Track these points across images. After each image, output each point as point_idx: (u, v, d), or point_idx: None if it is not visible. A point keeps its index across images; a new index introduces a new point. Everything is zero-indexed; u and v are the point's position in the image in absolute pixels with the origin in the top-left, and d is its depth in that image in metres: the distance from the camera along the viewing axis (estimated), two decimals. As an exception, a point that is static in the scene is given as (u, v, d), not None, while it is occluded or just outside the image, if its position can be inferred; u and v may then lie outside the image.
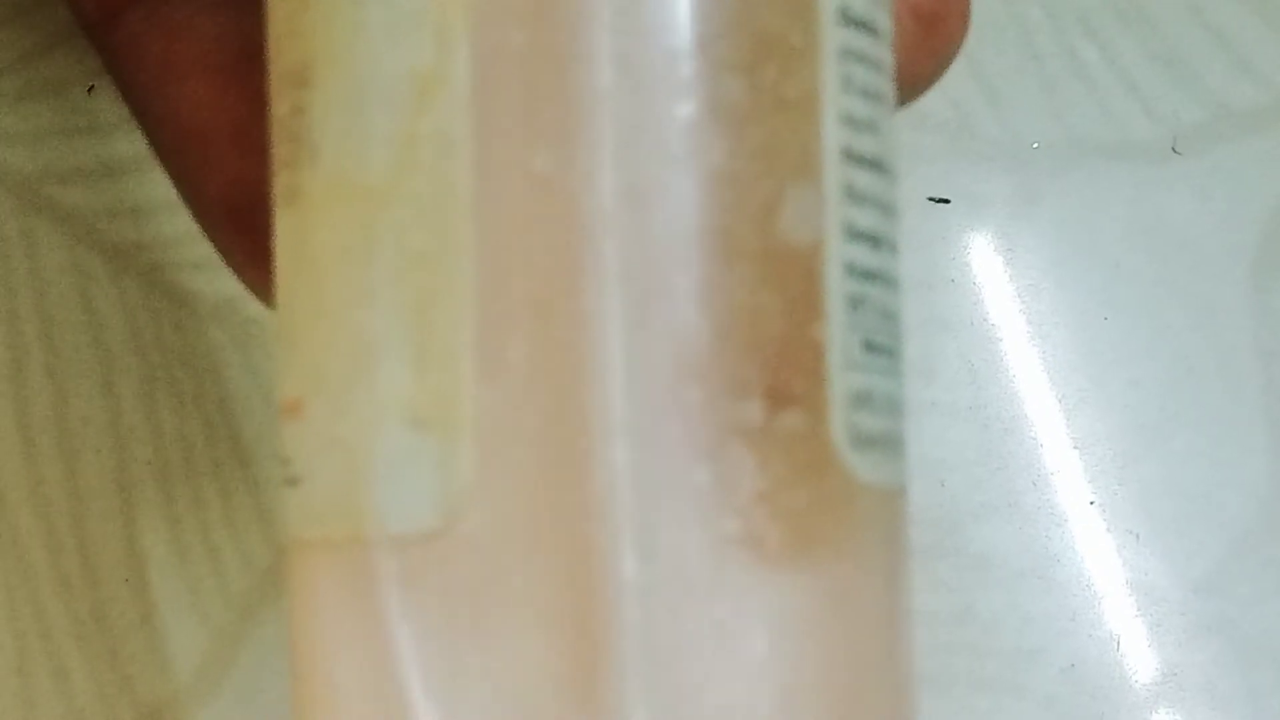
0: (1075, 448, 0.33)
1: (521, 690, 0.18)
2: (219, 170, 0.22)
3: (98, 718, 0.31)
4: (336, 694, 0.19)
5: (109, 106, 0.32)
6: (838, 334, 0.18)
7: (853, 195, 0.19)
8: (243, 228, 0.22)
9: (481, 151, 0.18)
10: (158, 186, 0.31)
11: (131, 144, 0.31)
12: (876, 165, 0.19)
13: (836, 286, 0.18)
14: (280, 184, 0.19)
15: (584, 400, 0.17)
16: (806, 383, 0.18)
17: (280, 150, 0.19)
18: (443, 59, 0.18)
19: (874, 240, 0.19)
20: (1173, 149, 0.34)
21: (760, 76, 0.18)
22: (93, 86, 0.31)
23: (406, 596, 0.18)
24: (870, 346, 0.19)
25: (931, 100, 0.23)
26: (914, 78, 0.22)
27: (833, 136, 0.18)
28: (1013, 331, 0.34)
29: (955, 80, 0.23)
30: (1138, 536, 0.33)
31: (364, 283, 0.18)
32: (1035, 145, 0.34)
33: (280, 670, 0.31)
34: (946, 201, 0.33)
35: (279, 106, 0.19)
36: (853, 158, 0.19)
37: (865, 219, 0.19)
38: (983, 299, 0.34)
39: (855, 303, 0.18)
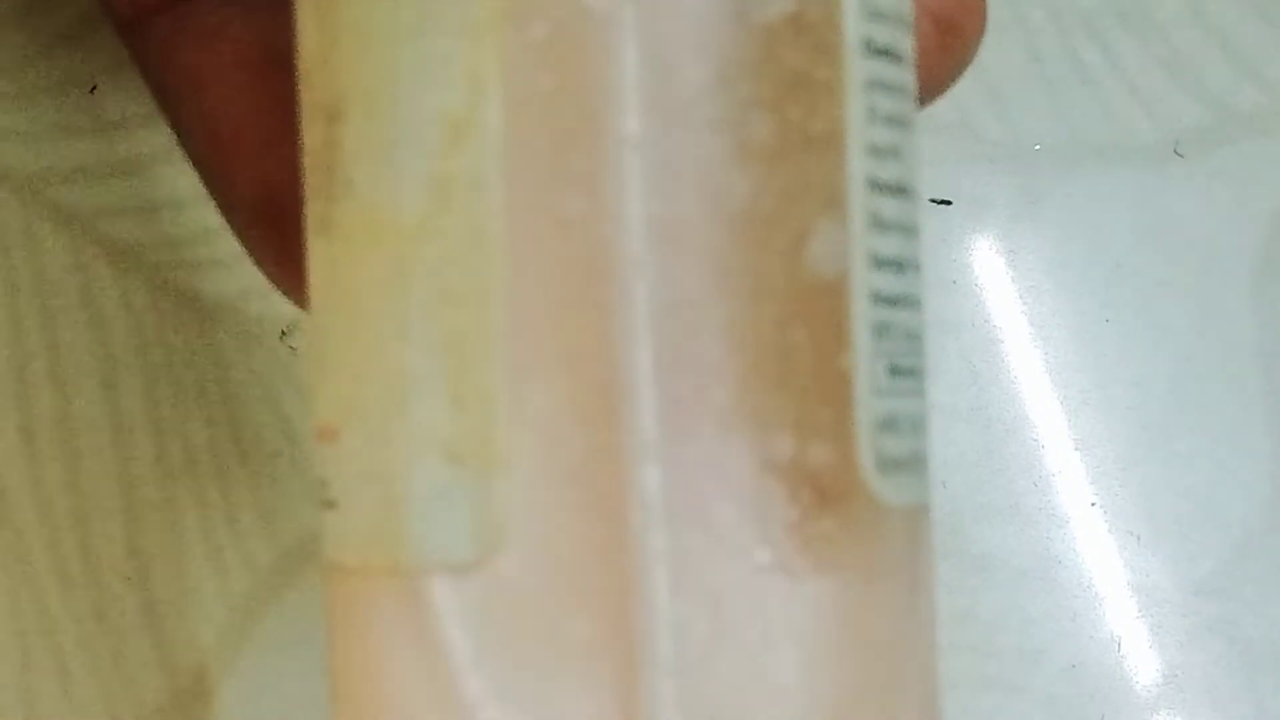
0: (1077, 449, 0.33)
1: None
2: (249, 173, 0.23)
3: (99, 716, 0.31)
4: (368, 713, 0.19)
5: (111, 106, 0.32)
6: (864, 362, 0.19)
7: (878, 224, 0.19)
8: (272, 229, 0.22)
9: (512, 194, 0.18)
10: (161, 186, 0.31)
11: (134, 143, 0.31)
12: (900, 190, 0.19)
13: (863, 316, 0.19)
14: (313, 212, 0.19)
15: (616, 438, 0.18)
16: (834, 413, 0.18)
17: (313, 179, 0.19)
18: (474, 102, 0.18)
19: (898, 265, 0.19)
20: (1175, 151, 0.34)
21: (786, 114, 0.18)
22: (95, 86, 0.31)
23: (443, 628, 0.18)
24: (896, 371, 0.19)
25: (935, 103, 0.23)
26: (932, 82, 0.22)
27: (858, 168, 0.19)
28: (1014, 333, 0.34)
29: (959, 82, 0.23)
30: (1139, 538, 0.33)
31: (398, 319, 0.18)
32: (1038, 147, 0.34)
33: (282, 668, 0.31)
34: (949, 203, 0.33)
35: (311, 137, 0.19)
36: (878, 186, 0.19)
37: (890, 246, 0.19)
38: (985, 300, 0.34)
39: (881, 330, 0.19)
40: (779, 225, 0.18)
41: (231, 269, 0.31)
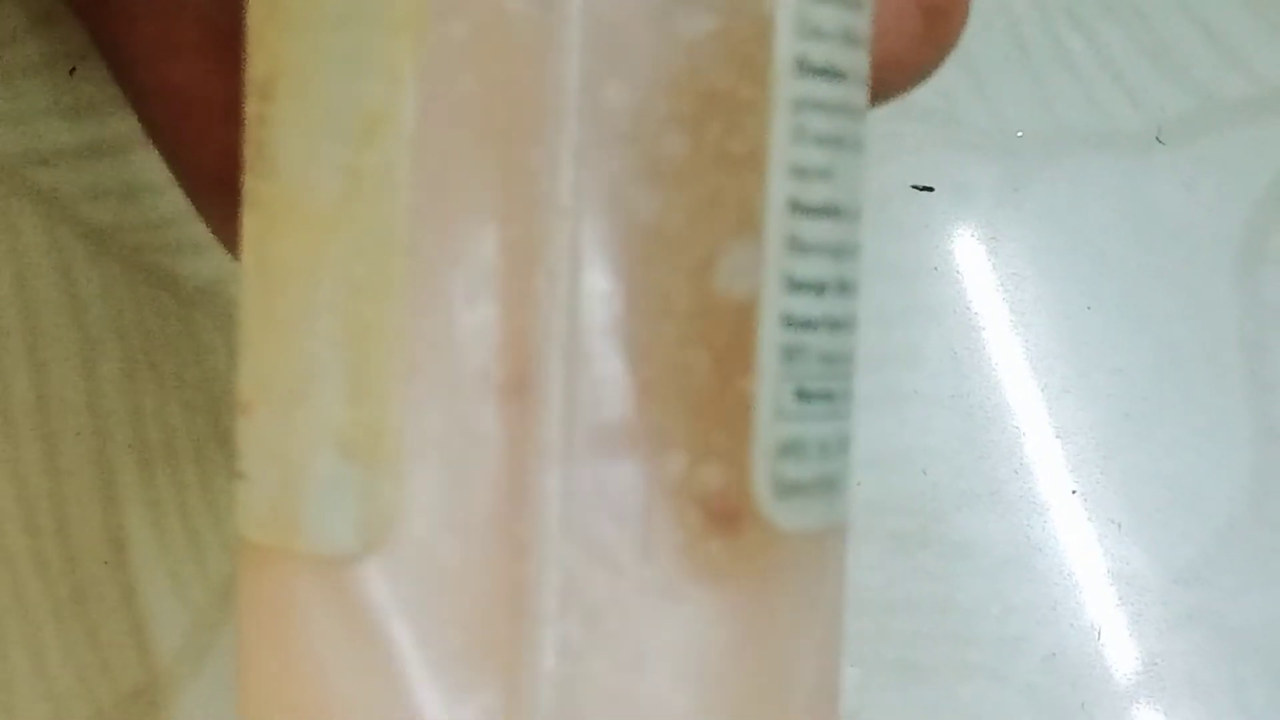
0: (1058, 437, 0.33)
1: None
2: (212, 145, 0.22)
3: (76, 700, 0.31)
4: (267, 694, 0.19)
5: (91, 88, 0.31)
6: (768, 386, 0.18)
7: (796, 246, 0.18)
8: (233, 199, 0.22)
9: (420, 193, 0.18)
10: (140, 168, 0.31)
11: (113, 125, 0.31)
12: (829, 211, 0.19)
13: (771, 339, 0.18)
14: (246, 184, 0.19)
15: (510, 447, 0.18)
16: (731, 436, 0.18)
17: (247, 153, 0.19)
18: (391, 97, 0.18)
19: (818, 288, 0.19)
20: (1158, 139, 0.34)
21: (704, 132, 0.18)
22: (74, 68, 0.31)
23: (326, 615, 0.18)
24: (804, 395, 0.19)
25: (917, 89, 0.23)
26: (916, 68, 0.22)
27: (778, 190, 0.18)
28: (996, 320, 0.34)
29: (942, 69, 0.23)
30: (1120, 526, 0.33)
31: (308, 306, 0.18)
32: (1020, 134, 0.34)
33: (260, 654, 0.31)
34: (931, 189, 0.33)
35: (249, 109, 0.19)
36: (799, 209, 0.18)
37: (809, 268, 0.19)
38: (966, 287, 0.34)
39: (791, 353, 0.18)
40: (688, 244, 0.18)
41: (211, 252, 0.31)
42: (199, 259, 0.31)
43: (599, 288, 0.18)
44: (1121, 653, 0.33)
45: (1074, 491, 0.33)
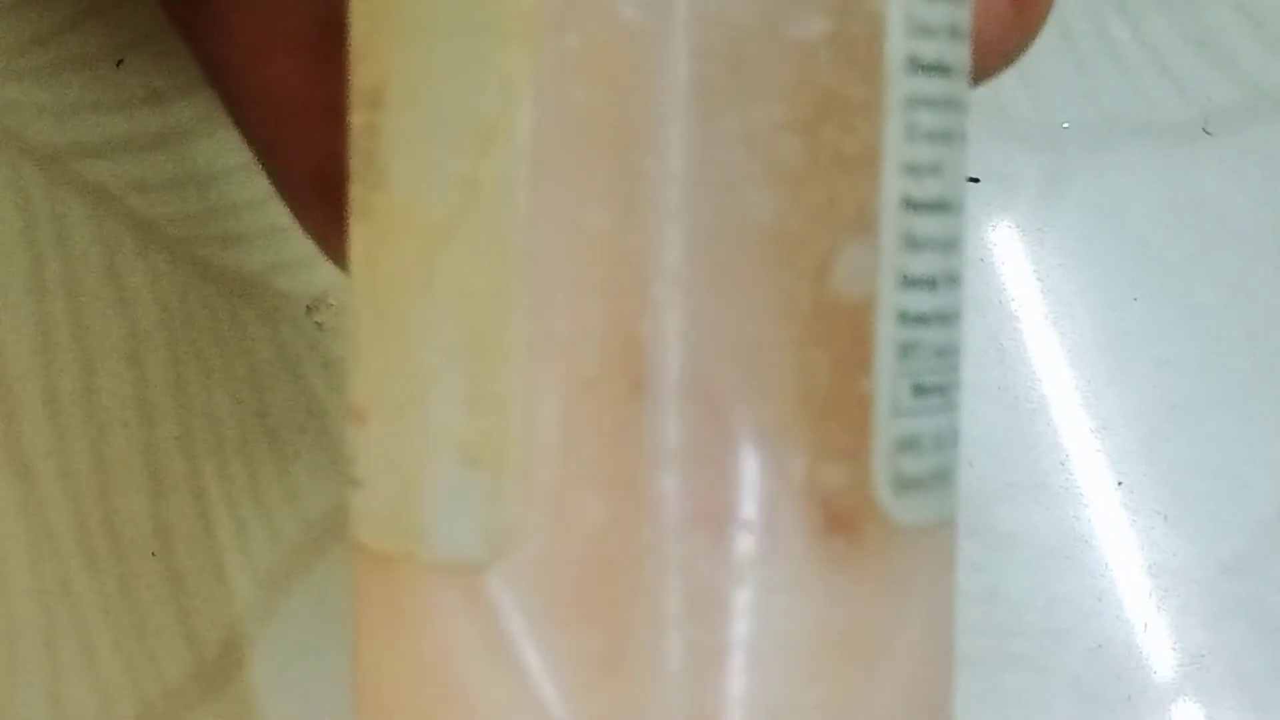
0: (1104, 428, 0.33)
1: None
2: (309, 147, 0.22)
3: (124, 691, 0.31)
4: (389, 700, 0.19)
5: (137, 80, 0.31)
6: (886, 384, 0.18)
7: (910, 243, 0.19)
8: (327, 201, 0.22)
9: (539, 202, 0.18)
10: (187, 161, 0.31)
11: (161, 118, 0.31)
12: (939, 207, 0.19)
13: (888, 337, 0.18)
14: (354, 194, 0.19)
15: (632, 455, 0.18)
16: (851, 435, 0.18)
17: (354, 162, 0.19)
18: (505, 107, 0.18)
19: (931, 283, 0.19)
20: (1204, 129, 0.34)
21: (819, 134, 0.18)
22: (121, 60, 0.31)
23: (452, 622, 0.18)
24: (920, 390, 0.19)
25: (1002, 73, 0.23)
26: (1005, 51, 0.22)
27: (892, 188, 0.18)
28: (1041, 311, 0.34)
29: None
30: (1166, 517, 0.33)
31: (423, 316, 0.18)
32: (1066, 125, 0.34)
33: (306, 645, 0.31)
34: (976, 180, 0.33)
35: (355, 118, 0.19)
36: (913, 206, 0.18)
37: (923, 264, 0.19)
38: (1011, 279, 0.34)
39: (907, 350, 0.19)
40: (805, 246, 0.18)
41: (258, 244, 0.31)
42: (247, 251, 0.31)
43: (716, 292, 0.18)
44: (1167, 645, 0.33)
45: (1120, 483, 0.33)
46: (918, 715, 0.19)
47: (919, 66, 0.18)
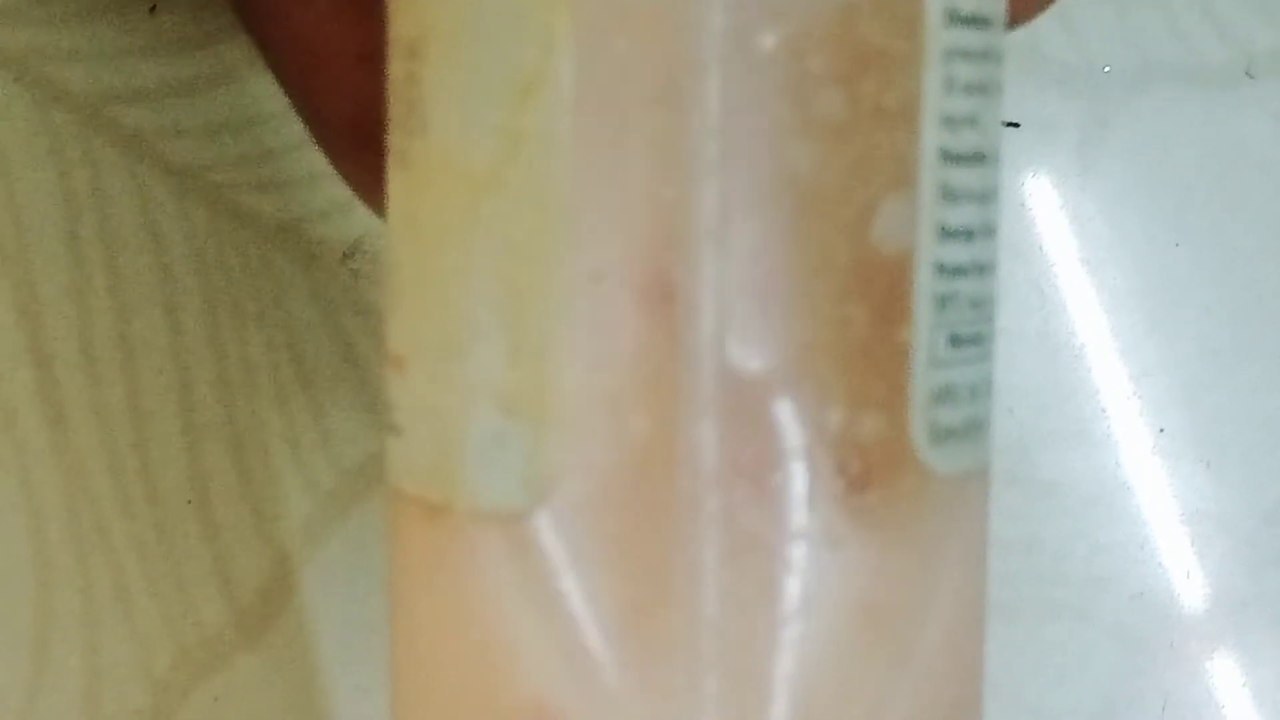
0: (1145, 375, 0.33)
1: (593, 674, 0.18)
2: (344, 92, 0.22)
3: (161, 639, 0.31)
4: (428, 645, 0.19)
5: (171, 27, 0.31)
6: (924, 335, 0.18)
7: (948, 195, 0.19)
8: (364, 146, 0.22)
9: (581, 154, 0.18)
10: (220, 107, 0.31)
11: (194, 64, 0.31)
12: (976, 158, 0.19)
13: (925, 288, 0.18)
14: (393, 143, 0.19)
15: (672, 403, 0.18)
16: (889, 386, 0.18)
17: (394, 111, 0.19)
18: (547, 60, 0.18)
19: (968, 234, 0.19)
20: (1246, 73, 0.34)
21: (859, 87, 0.18)
22: (154, 6, 0.31)
23: (493, 570, 0.18)
24: (956, 340, 0.19)
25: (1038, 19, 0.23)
26: (1036, 1, 0.22)
27: (931, 141, 0.18)
28: (1083, 257, 0.33)
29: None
30: (1208, 464, 0.33)
31: (463, 265, 0.18)
32: (1107, 69, 0.34)
33: (342, 593, 0.31)
34: (1017, 125, 0.33)
35: (395, 68, 0.19)
36: (951, 158, 0.19)
37: (960, 216, 0.19)
38: (1053, 224, 0.33)
39: (944, 301, 0.19)
40: (845, 199, 0.18)
41: (292, 191, 0.31)
42: (281, 198, 0.31)
43: (755, 244, 0.18)
44: (1209, 592, 0.33)
45: (1162, 430, 0.33)
46: (954, 659, 0.19)
47: (957, 19, 0.18)
